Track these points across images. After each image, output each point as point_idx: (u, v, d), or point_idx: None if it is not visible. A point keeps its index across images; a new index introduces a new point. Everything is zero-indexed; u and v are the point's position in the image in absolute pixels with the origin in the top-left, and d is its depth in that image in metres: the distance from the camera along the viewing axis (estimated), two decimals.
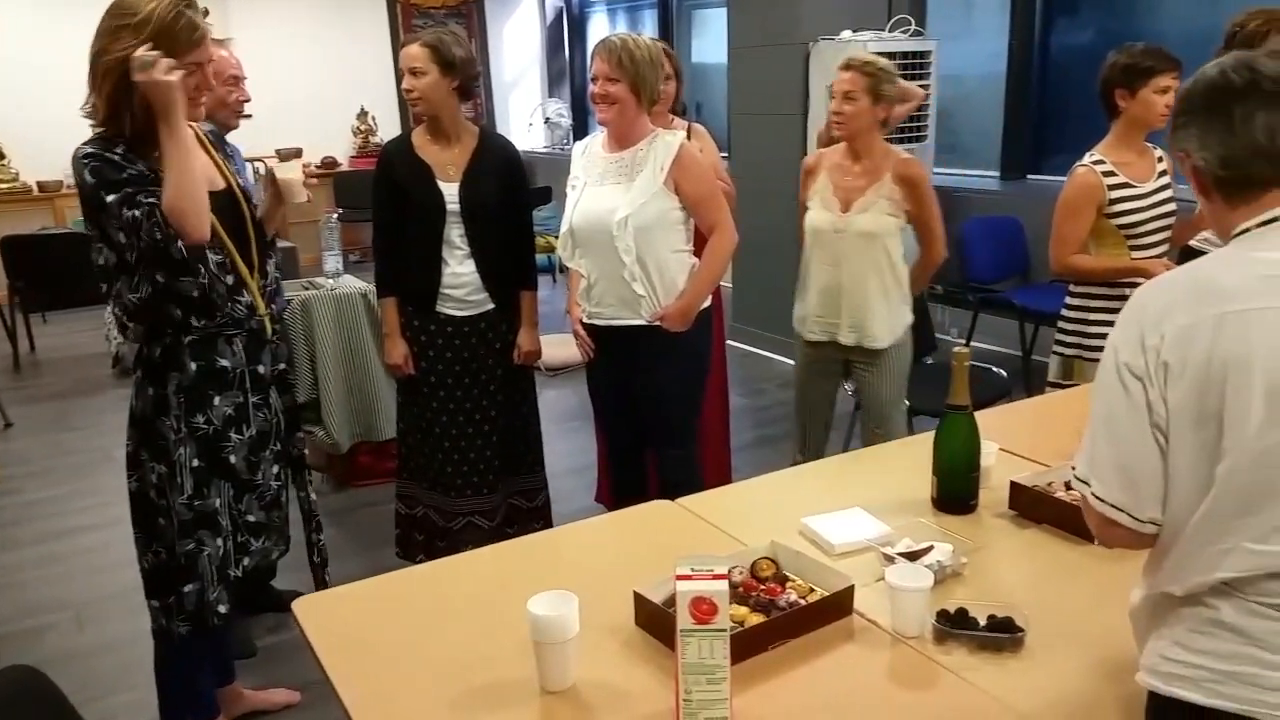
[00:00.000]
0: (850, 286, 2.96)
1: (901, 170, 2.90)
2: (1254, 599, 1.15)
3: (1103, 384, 1.24)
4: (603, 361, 2.88)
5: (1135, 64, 2.71)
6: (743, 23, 5.71)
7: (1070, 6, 5.73)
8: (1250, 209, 1.22)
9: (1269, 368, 1.11)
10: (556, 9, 9.69)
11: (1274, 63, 1.20)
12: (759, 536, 1.77)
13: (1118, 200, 2.77)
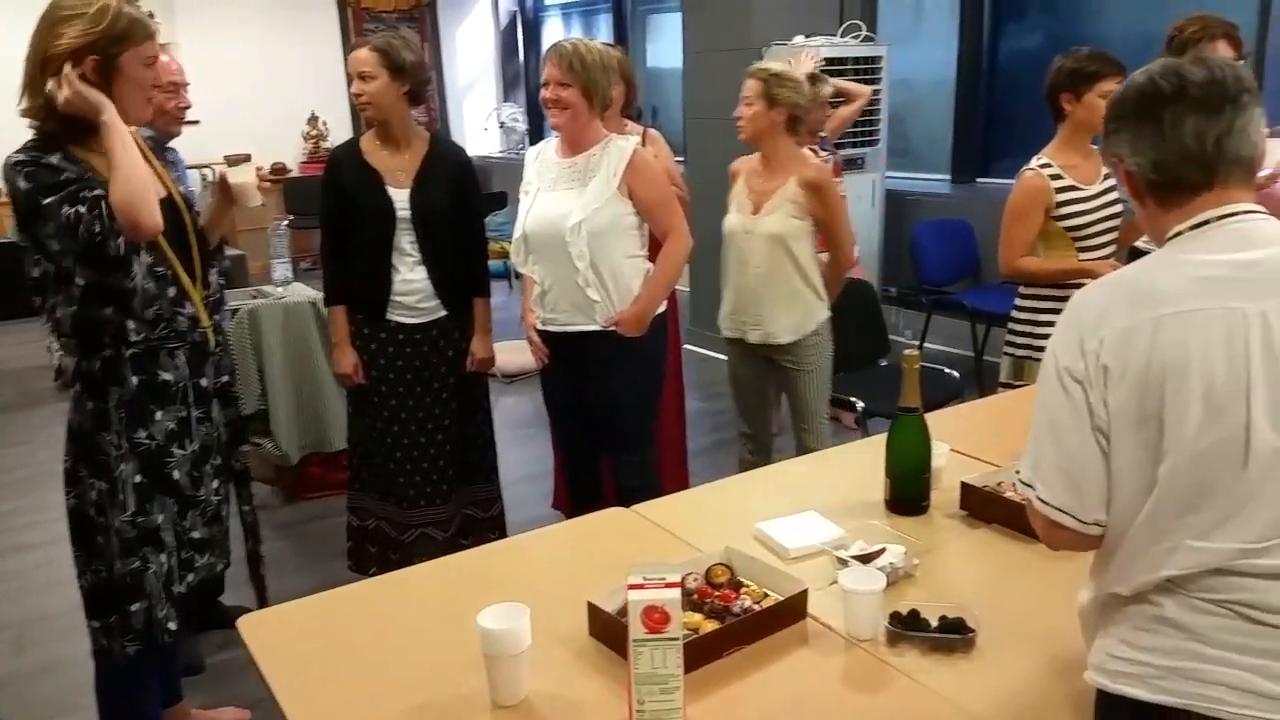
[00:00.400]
0: (757, 286, 3.06)
1: (805, 175, 2.99)
2: (1196, 595, 1.16)
3: (1044, 388, 1.25)
4: (557, 368, 2.86)
5: (1080, 68, 2.75)
6: (697, 28, 5.72)
7: (1018, 12, 5.82)
8: (1183, 212, 1.23)
9: (1205, 369, 1.13)
10: (510, 13, 9.65)
11: (1200, 69, 1.22)
12: (714, 542, 1.76)
13: (1065, 203, 2.80)
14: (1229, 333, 1.13)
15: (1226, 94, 1.20)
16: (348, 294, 2.93)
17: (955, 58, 5.90)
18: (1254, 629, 1.13)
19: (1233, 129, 1.20)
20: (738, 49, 5.40)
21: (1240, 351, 1.13)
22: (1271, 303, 1.13)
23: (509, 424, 4.80)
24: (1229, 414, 1.12)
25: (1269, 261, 1.16)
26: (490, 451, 3.15)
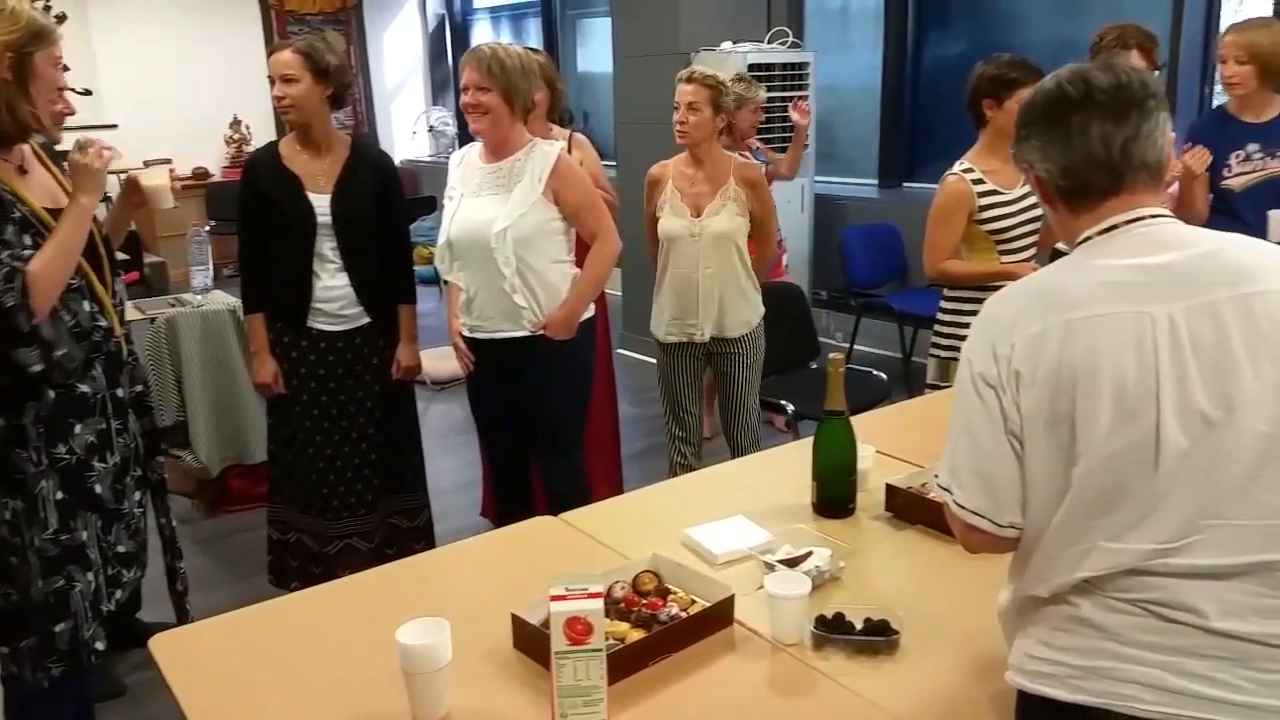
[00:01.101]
0: (708, 286, 3.14)
1: (743, 173, 3.12)
2: (1111, 595, 1.18)
3: (960, 393, 1.26)
4: (485, 375, 2.83)
5: (1001, 75, 2.80)
6: (625, 33, 5.72)
7: (941, 20, 5.93)
8: (1093, 216, 1.25)
9: (1115, 372, 1.14)
10: (439, 16, 9.55)
11: (1107, 75, 1.23)
12: (642, 549, 1.75)
13: (987, 207, 2.85)
14: (1138, 336, 1.15)
15: (1133, 99, 1.22)
16: (267, 301, 2.86)
17: (881, 64, 5.99)
18: (1165, 626, 1.15)
19: (1139, 134, 1.21)
20: (666, 54, 5.42)
21: (1149, 355, 1.14)
22: (1178, 305, 1.15)
23: (438, 432, 4.74)
24: (1139, 417, 1.14)
25: (1176, 265, 1.18)
26: (416, 460, 3.10)
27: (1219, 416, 1.13)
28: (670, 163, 3.23)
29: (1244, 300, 1.15)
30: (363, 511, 2.94)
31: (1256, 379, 1.13)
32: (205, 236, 4.10)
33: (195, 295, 3.95)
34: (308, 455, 2.88)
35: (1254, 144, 3.17)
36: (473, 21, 9.49)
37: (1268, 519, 1.14)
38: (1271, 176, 3.17)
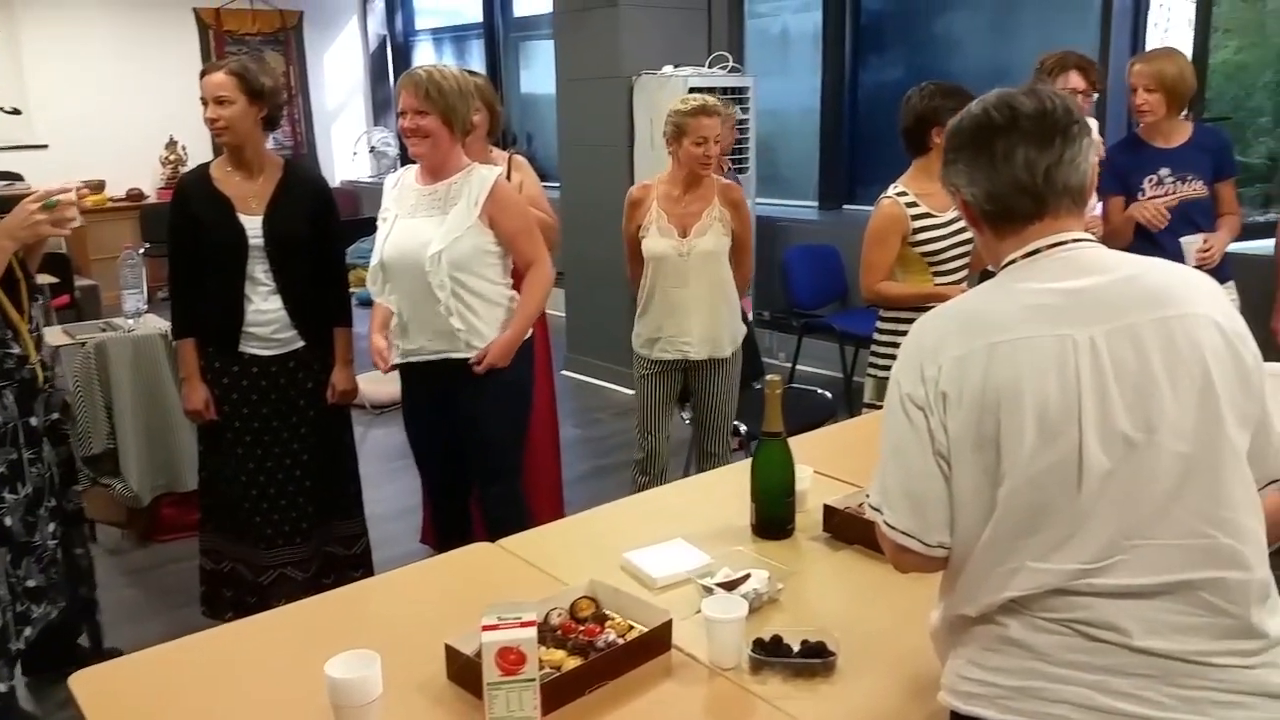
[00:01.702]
0: (697, 304, 3.23)
1: (727, 194, 3.23)
2: (1039, 615, 1.19)
3: (889, 415, 1.28)
4: (421, 399, 2.79)
5: (946, 105, 2.85)
6: (568, 56, 5.74)
7: (878, 45, 6.03)
8: (1017, 240, 1.27)
9: (1038, 394, 1.16)
10: (380, 37, 9.50)
11: (1031, 100, 1.26)
12: (581, 575, 1.73)
13: (920, 230, 2.89)
14: (1060, 359, 1.17)
15: (1057, 125, 1.24)
16: (198, 326, 2.80)
17: (820, 88, 6.07)
18: (1092, 645, 1.17)
19: (1062, 160, 1.24)
20: (608, 77, 5.45)
21: (1071, 377, 1.16)
22: (1100, 329, 1.17)
23: (378, 457, 4.67)
24: (1062, 437, 1.16)
25: (1097, 289, 1.21)
26: (353, 486, 3.06)
27: (1140, 438, 1.16)
28: (652, 183, 3.28)
29: (1164, 324, 1.18)
30: (298, 540, 2.88)
31: (1176, 401, 1.16)
32: (138, 259, 4.01)
33: (127, 319, 3.86)
34: (240, 483, 2.82)
35: (1165, 168, 3.27)
36: (415, 42, 9.45)
37: (1188, 539, 1.16)
38: (1182, 200, 3.27)
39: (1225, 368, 1.19)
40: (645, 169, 5.29)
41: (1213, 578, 1.16)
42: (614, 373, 5.71)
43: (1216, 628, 1.16)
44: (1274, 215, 4.44)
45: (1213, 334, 1.19)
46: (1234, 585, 1.17)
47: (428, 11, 9.38)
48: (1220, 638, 1.16)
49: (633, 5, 5.35)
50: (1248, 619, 1.17)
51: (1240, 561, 1.18)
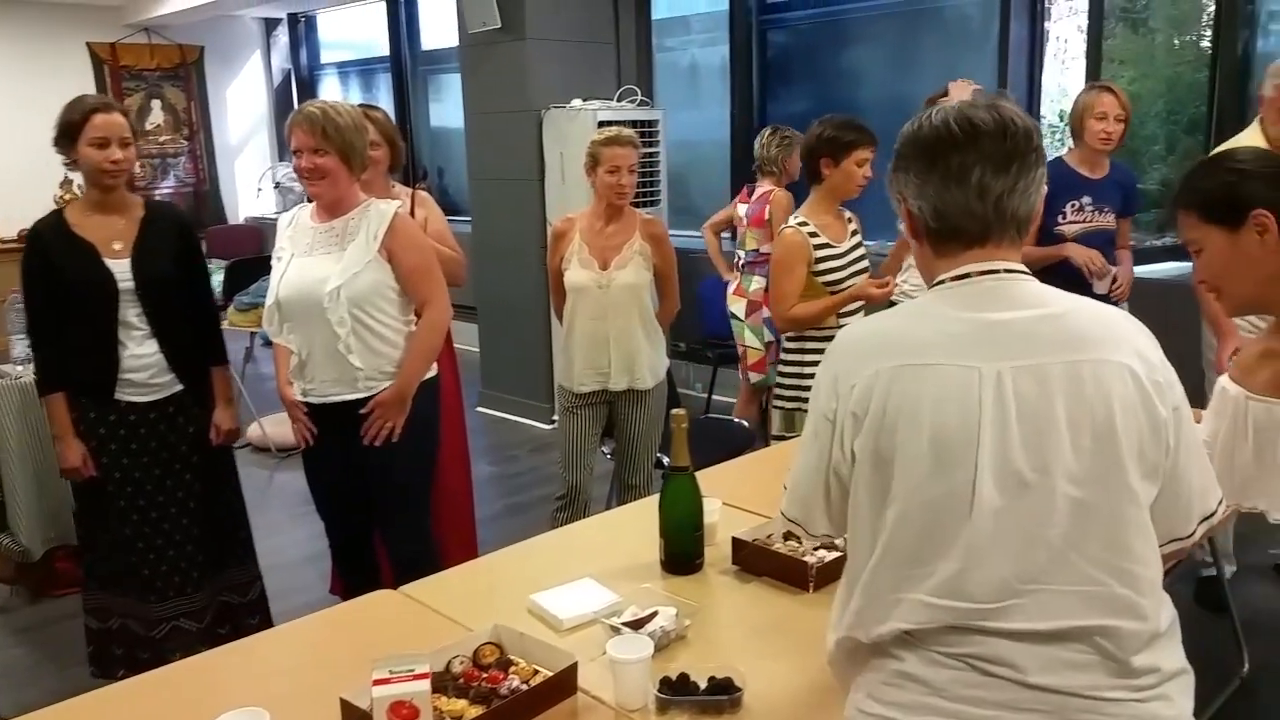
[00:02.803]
0: (618, 336, 3.23)
1: (649, 229, 3.26)
2: (934, 649, 1.19)
3: (809, 416, 1.31)
4: (320, 441, 2.71)
5: (839, 137, 2.91)
6: (476, 89, 5.72)
7: (784, 78, 6.14)
8: (952, 261, 1.26)
9: (936, 421, 1.17)
10: (284, 71, 9.35)
11: (994, 121, 1.22)
12: (486, 619, 1.70)
13: (822, 259, 2.94)
14: (963, 389, 1.17)
15: (1016, 149, 1.22)
16: (67, 378, 2.67)
17: (729, 120, 6.14)
18: (987, 681, 1.17)
19: (1015, 188, 1.22)
20: (517, 111, 5.44)
21: (973, 408, 1.16)
22: (1008, 364, 1.17)
23: (284, 502, 4.54)
24: (957, 468, 1.16)
25: (1015, 324, 1.20)
26: (243, 531, 2.96)
27: (1033, 478, 1.15)
28: (576, 216, 3.30)
29: (1074, 366, 1.17)
30: (189, 590, 2.76)
31: (1073, 445, 1.16)
32: None
33: (15, 366, 3.69)
34: (125, 536, 2.70)
35: (1088, 197, 3.38)
36: (320, 76, 9.33)
37: (1084, 586, 1.16)
38: (1098, 229, 3.40)
39: (1133, 417, 1.18)
40: (557, 202, 5.29)
41: (1108, 625, 1.16)
42: (530, 408, 5.65)
43: (1109, 668, 1.17)
44: (1169, 239, 4.63)
45: (1125, 382, 1.18)
46: (1128, 634, 1.17)
47: (333, 45, 9.27)
48: (1114, 675, 1.17)
49: (540, 39, 5.36)
50: (1141, 664, 1.17)
51: (1137, 612, 1.18)
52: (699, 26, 6.43)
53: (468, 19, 5.46)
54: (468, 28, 5.49)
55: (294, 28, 9.20)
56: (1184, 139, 4.66)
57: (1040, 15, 4.85)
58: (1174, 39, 4.68)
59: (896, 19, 5.56)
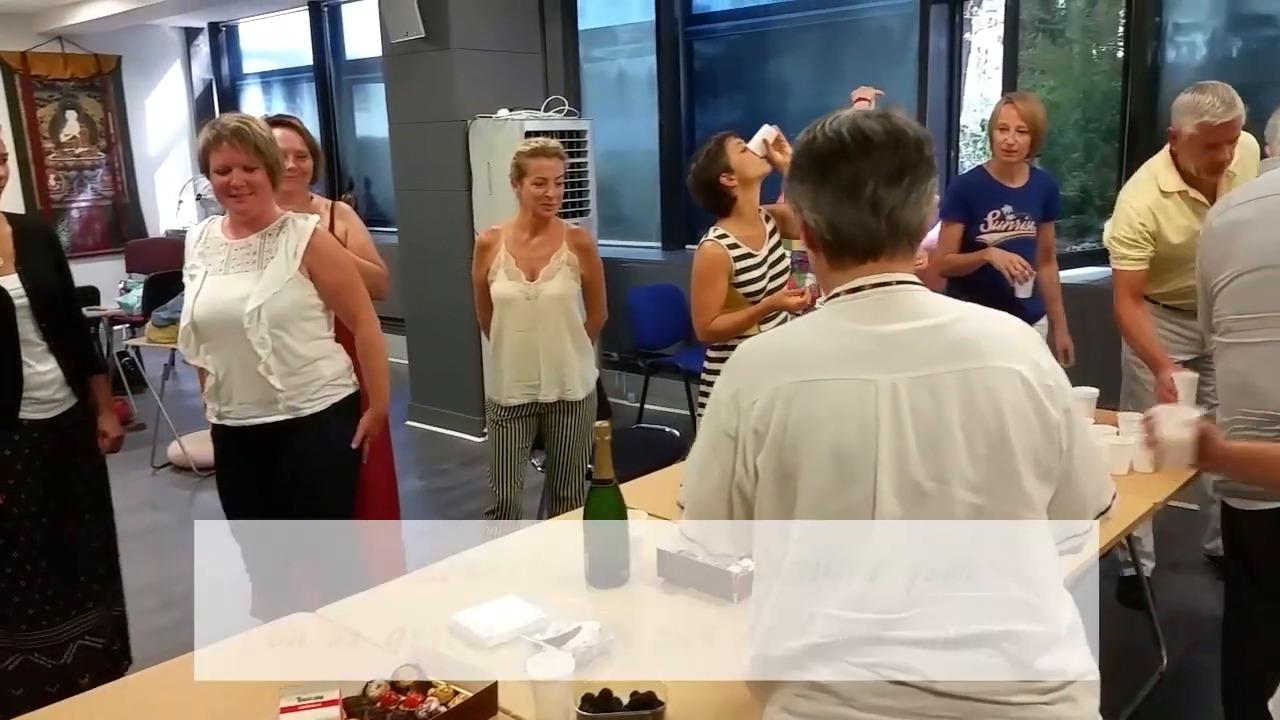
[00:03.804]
0: (547, 347, 3.23)
1: (576, 239, 3.27)
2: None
3: (706, 432, 1.29)
4: (239, 463, 2.64)
5: (709, 155, 2.95)
6: (400, 99, 5.65)
7: (711, 88, 6.18)
8: (845, 274, 1.27)
9: (837, 435, 1.18)
10: (205, 81, 9.14)
11: (886, 133, 1.23)
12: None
13: (742, 270, 2.94)
14: (860, 404, 1.18)
15: (908, 162, 1.23)
16: None
17: (657, 130, 6.15)
18: (896, 689, 1.17)
19: (907, 201, 1.23)
20: (442, 121, 5.38)
21: (871, 421, 1.18)
22: (902, 376, 1.19)
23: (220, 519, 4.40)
24: (858, 481, 1.17)
25: (906, 335, 1.22)
26: (114, 556, 2.89)
27: (931, 487, 1.17)
28: (501, 228, 3.28)
29: (964, 375, 1.20)
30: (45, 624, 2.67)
31: (968, 453, 1.18)
32: None
33: None
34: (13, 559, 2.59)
35: (1008, 205, 3.45)
36: (243, 86, 9.14)
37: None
38: (1020, 237, 3.46)
39: (1026, 422, 1.20)
40: (484, 213, 5.24)
41: (1011, 630, 1.18)
42: (460, 420, 5.59)
43: (1014, 671, 1.18)
44: (1089, 245, 4.75)
45: (1016, 388, 1.20)
46: (1030, 637, 1.19)
47: (256, 54, 9.10)
48: (1019, 679, 1.18)
49: (465, 48, 5.31)
50: (1045, 667, 1.19)
51: (1037, 614, 1.20)
52: (626, 37, 6.44)
53: (390, 29, 5.39)
54: (391, 37, 5.42)
55: (215, 37, 9.01)
56: (1101, 146, 4.79)
57: (959, 27, 4.96)
58: (1090, 50, 4.80)
59: (820, 31, 5.63)
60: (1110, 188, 4.70)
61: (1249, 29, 4.39)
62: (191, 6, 7.54)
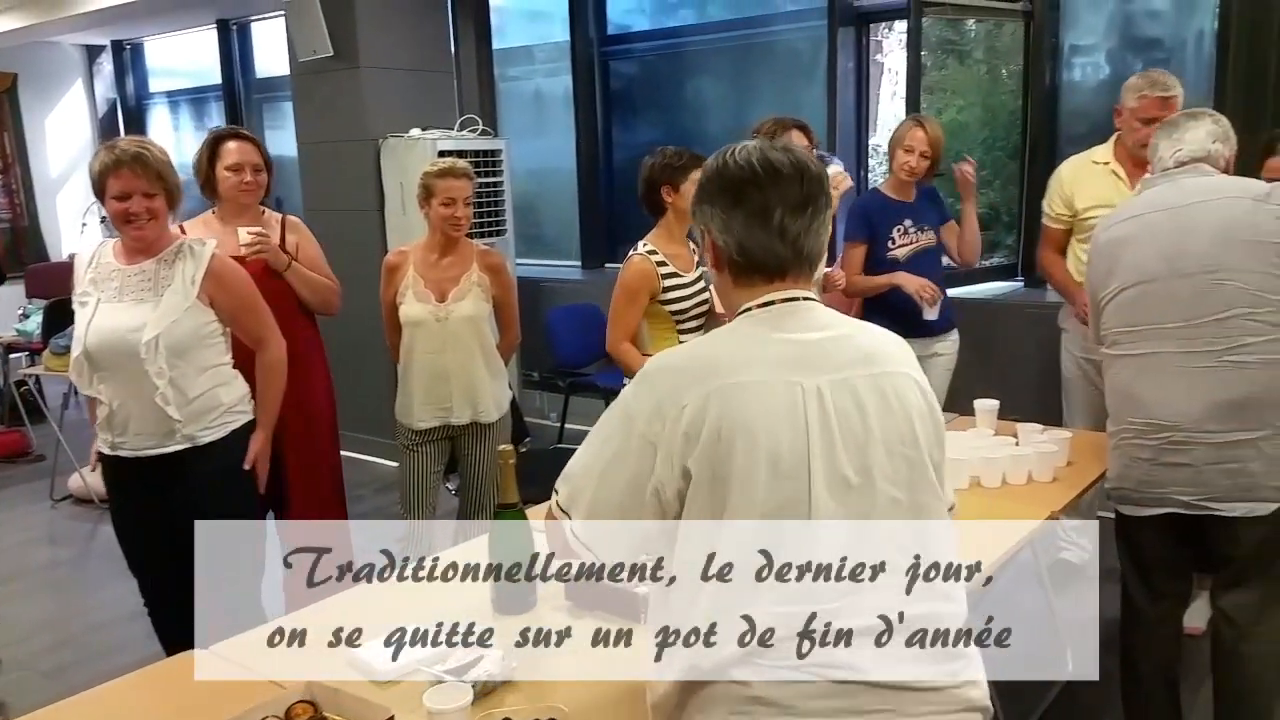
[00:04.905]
0: (458, 369, 3.18)
1: (486, 260, 3.23)
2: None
3: (613, 436, 1.31)
4: (134, 495, 2.53)
5: (672, 163, 2.94)
6: (309, 118, 5.55)
7: (628, 108, 6.21)
8: (752, 292, 1.35)
9: (770, 435, 1.23)
10: (110, 100, 8.87)
11: (791, 166, 1.31)
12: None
13: (669, 288, 2.94)
14: (790, 403, 1.25)
15: (811, 194, 1.32)
16: None
17: (575, 150, 6.15)
18: (832, 688, 1.20)
19: (810, 229, 1.33)
20: (353, 140, 5.30)
21: (801, 421, 1.25)
22: (824, 379, 1.27)
23: (107, 555, 4.23)
24: (793, 478, 1.23)
25: (821, 342, 1.31)
26: None
27: (858, 481, 1.25)
28: (409, 249, 3.24)
29: (875, 379, 1.30)
30: None
31: (886, 449, 1.28)
32: None
33: None
34: None
35: (909, 219, 3.56)
36: (149, 105, 8.89)
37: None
38: (925, 247, 3.56)
39: (924, 419, 1.33)
40: (398, 233, 5.17)
41: (927, 612, 1.26)
42: (376, 445, 5.48)
43: (935, 654, 1.25)
44: (997, 260, 4.87)
45: (914, 391, 1.34)
46: (946, 616, 1.27)
47: (162, 73, 8.85)
48: (939, 662, 1.26)
49: (375, 67, 5.25)
50: (956, 651, 1.28)
51: (949, 595, 1.30)
52: (543, 56, 6.44)
53: (298, 47, 5.30)
54: (298, 56, 5.33)
55: (119, 55, 8.75)
56: (1008, 164, 4.92)
57: (866, 48, 5.06)
58: (999, 70, 4.94)
59: (732, 52, 5.71)
60: (1015, 204, 4.83)
61: (1141, 51, 4.57)
62: (93, 24, 7.31)
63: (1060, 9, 4.61)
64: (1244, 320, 2.11)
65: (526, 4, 6.71)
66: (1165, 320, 2.18)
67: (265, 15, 7.21)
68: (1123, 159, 3.31)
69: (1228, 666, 2.30)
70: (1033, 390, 3.79)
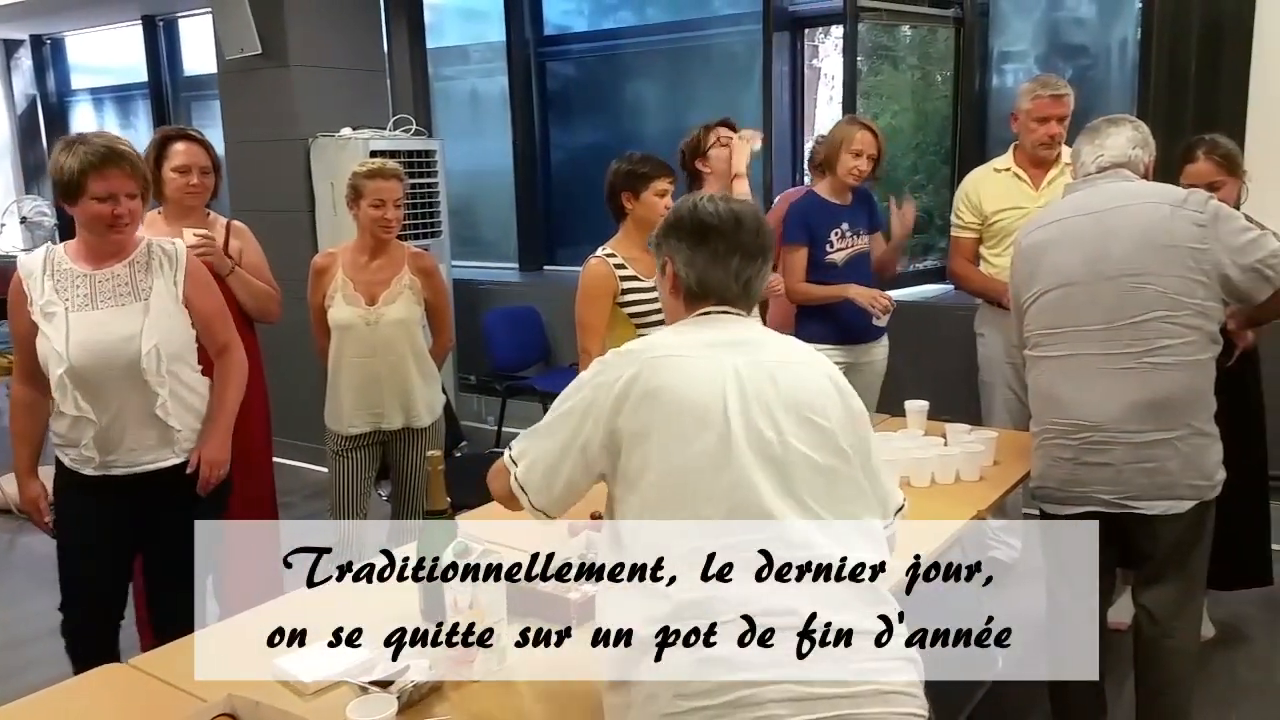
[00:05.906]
0: (390, 373, 3.14)
1: (417, 262, 3.18)
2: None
3: (566, 400, 1.53)
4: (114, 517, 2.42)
5: (635, 170, 2.94)
6: (237, 117, 5.43)
7: (566, 109, 6.18)
8: (693, 309, 1.60)
9: (691, 393, 1.44)
10: (29, 97, 8.59)
11: (750, 216, 1.58)
12: (222, 688, 1.57)
13: (628, 291, 2.92)
14: (712, 370, 1.47)
15: (762, 245, 1.58)
16: None
17: (512, 151, 6.11)
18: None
19: (759, 274, 1.59)
20: (282, 140, 5.20)
21: (719, 384, 1.45)
22: (743, 360, 1.49)
23: (27, 566, 4.13)
24: (711, 427, 1.41)
25: (744, 340, 1.55)
26: None
27: (772, 437, 1.43)
28: (337, 251, 3.18)
29: (789, 367, 1.53)
30: None
31: (797, 417, 1.46)
32: None
33: None
34: None
35: (845, 223, 3.55)
36: (72, 103, 8.63)
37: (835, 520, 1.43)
38: (860, 251, 3.57)
39: (832, 402, 1.52)
40: (329, 234, 5.08)
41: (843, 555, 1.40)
42: (306, 450, 5.37)
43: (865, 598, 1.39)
44: (930, 263, 4.94)
45: (823, 381, 1.55)
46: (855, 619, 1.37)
47: (85, 69, 8.60)
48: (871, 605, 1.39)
49: (305, 65, 5.15)
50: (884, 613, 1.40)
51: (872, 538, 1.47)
52: (479, 56, 6.39)
53: (225, 45, 5.19)
54: (225, 53, 5.21)
55: (38, 50, 8.48)
56: (940, 169, 5.00)
57: (802, 53, 5.11)
58: (929, 75, 5.01)
59: (669, 54, 5.72)
60: (947, 208, 4.91)
61: (1068, 57, 4.68)
62: (10, 17, 7.08)
63: (990, 16, 4.70)
64: (1162, 323, 2.17)
65: (462, 3, 6.65)
66: (1086, 323, 2.23)
67: (193, 12, 7.04)
68: (1023, 163, 3.47)
69: (1149, 661, 2.36)
70: (962, 391, 3.85)
